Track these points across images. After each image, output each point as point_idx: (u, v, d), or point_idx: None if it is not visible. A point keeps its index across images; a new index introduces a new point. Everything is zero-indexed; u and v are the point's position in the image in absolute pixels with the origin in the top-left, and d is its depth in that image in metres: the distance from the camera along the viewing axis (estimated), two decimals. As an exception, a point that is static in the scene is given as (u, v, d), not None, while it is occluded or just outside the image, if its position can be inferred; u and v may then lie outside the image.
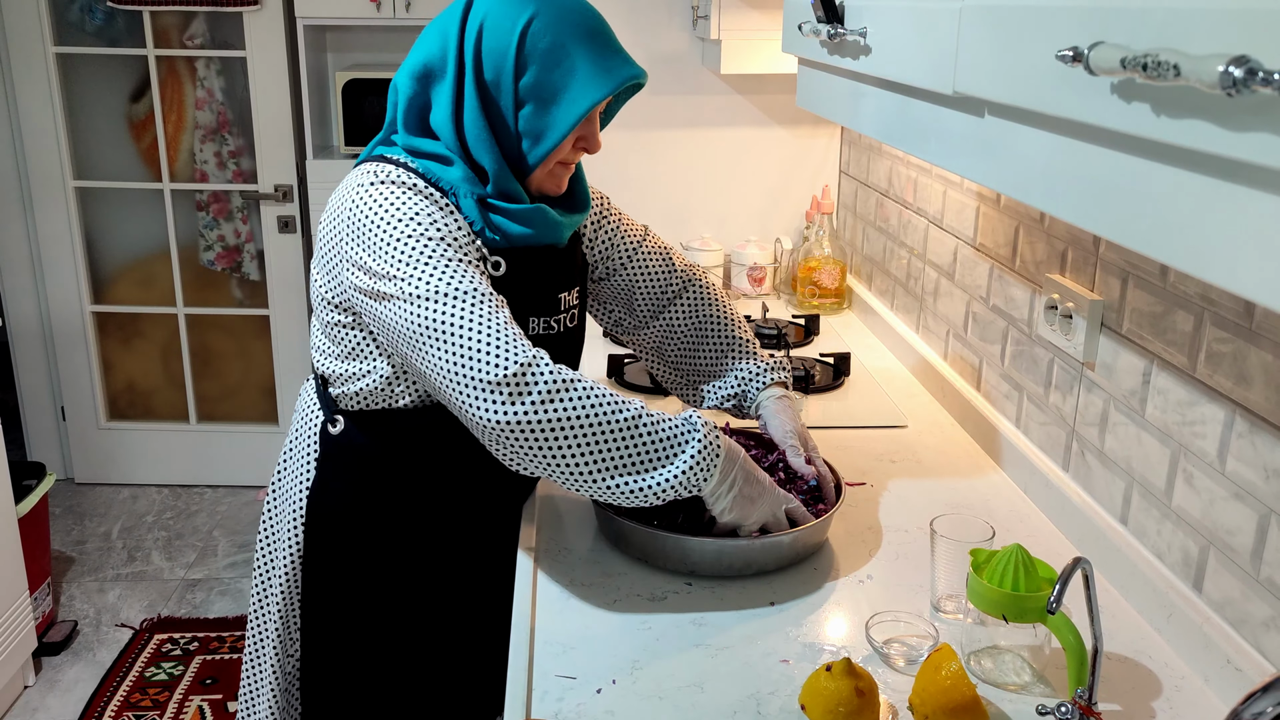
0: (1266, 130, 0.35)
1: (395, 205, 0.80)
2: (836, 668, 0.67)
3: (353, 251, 0.81)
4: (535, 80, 0.81)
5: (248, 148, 2.32)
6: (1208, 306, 0.75)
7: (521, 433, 0.74)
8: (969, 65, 0.60)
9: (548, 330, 0.90)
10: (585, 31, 0.82)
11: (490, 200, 0.84)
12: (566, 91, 0.81)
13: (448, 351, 0.76)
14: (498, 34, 0.81)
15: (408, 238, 0.79)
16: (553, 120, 0.82)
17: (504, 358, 0.74)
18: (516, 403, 0.74)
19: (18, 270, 2.35)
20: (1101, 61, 0.42)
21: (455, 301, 0.77)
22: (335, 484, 0.91)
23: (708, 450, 0.78)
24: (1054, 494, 0.96)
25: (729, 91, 1.70)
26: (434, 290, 0.77)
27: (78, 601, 2.01)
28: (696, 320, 1.03)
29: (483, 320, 0.76)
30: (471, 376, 0.75)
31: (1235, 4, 0.36)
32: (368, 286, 0.80)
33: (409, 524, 0.92)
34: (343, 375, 0.88)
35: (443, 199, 0.82)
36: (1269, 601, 0.68)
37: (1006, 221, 1.10)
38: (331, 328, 0.87)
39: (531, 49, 0.81)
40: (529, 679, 0.72)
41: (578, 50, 0.81)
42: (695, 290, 1.04)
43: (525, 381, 0.74)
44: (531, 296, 0.88)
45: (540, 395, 0.74)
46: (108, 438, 2.47)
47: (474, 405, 0.75)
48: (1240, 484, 0.71)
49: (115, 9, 2.17)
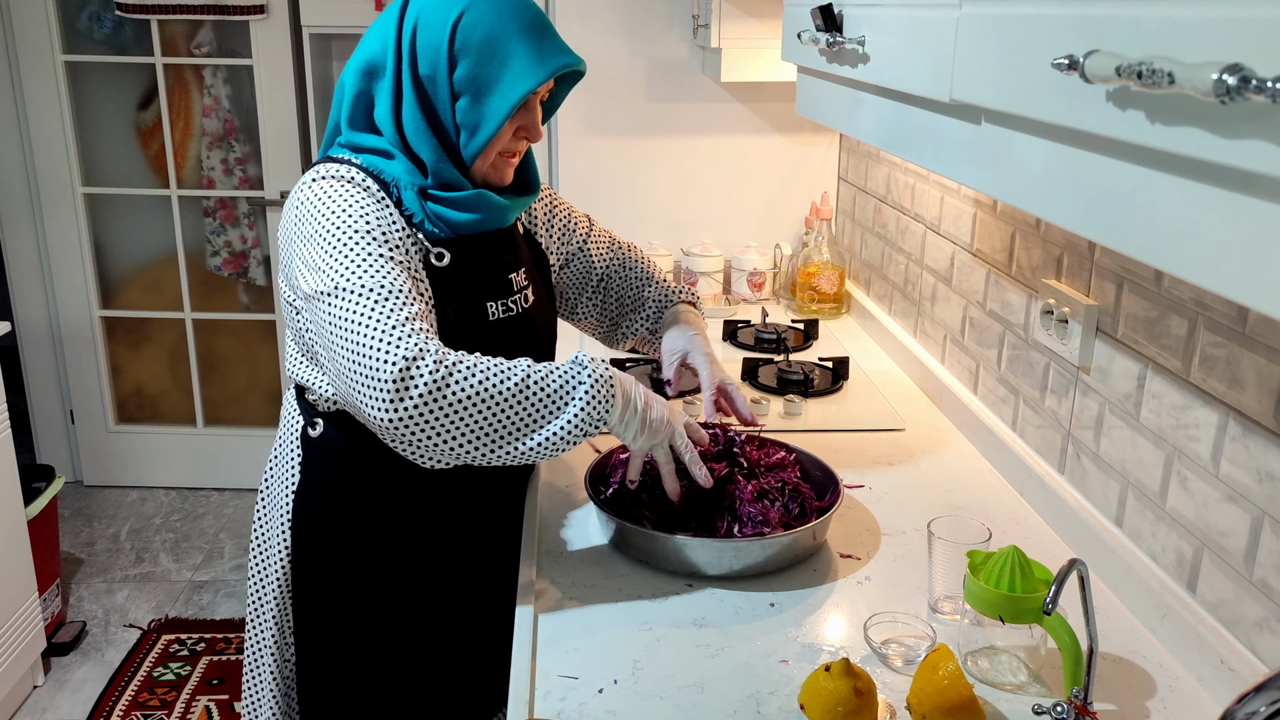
0: (1259, 137, 0.35)
1: (331, 198, 0.82)
2: (835, 668, 0.67)
3: (298, 249, 0.82)
4: (469, 73, 0.82)
5: (254, 154, 2.34)
6: (1201, 311, 0.75)
7: (416, 427, 0.74)
8: (966, 73, 0.61)
9: (507, 313, 0.91)
10: (519, 24, 0.83)
11: (431, 191, 0.84)
12: (500, 82, 0.82)
13: (344, 348, 0.76)
14: (431, 29, 0.82)
15: (339, 230, 0.80)
16: (488, 111, 0.83)
17: (390, 354, 0.74)
18: (404, 398, 0.74)
19: (27, 275, 2.37)
20: (1097, 69, 0.43)
21: (357, 297, 0.77)
22: (319, 486, 0.92)
23: (599, 384, 0.79)
24: (1050, 496, 0.97)
25: (729, 99, 1.71)
26: (344, 285, 0.78)
27: (86, 602, 2.02)
28: (617, 269, 1.09)
29: (377, 317, 0.76)
30: (362, 375, 0.75)
31: (1228, 13, 0.37)
32: (303, 285, 0.81)
33: (394, 521, 0.93)
34: (312, 380, 0.89)
35: (380, 192, 0.84)
36: (1262, 602, 0.68)
37: (1003, 227, 1.11)
38: (298, 333, 0.88)
39: (464, 42, 0.82)
40: (531, 679, 0.73)
41: (510, 41, 0.82)
42: (620, 252, 1.10)
43: (410, 377, 0.74)
44: (482, 283, 0.89)
45: (426, 387, 0.74)
46: (116, 441, 2.49)
47: (367, 404, 0.75)
48: (1233, 486, 0.71)
49: (123, 17, 2.19)
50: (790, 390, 1.29)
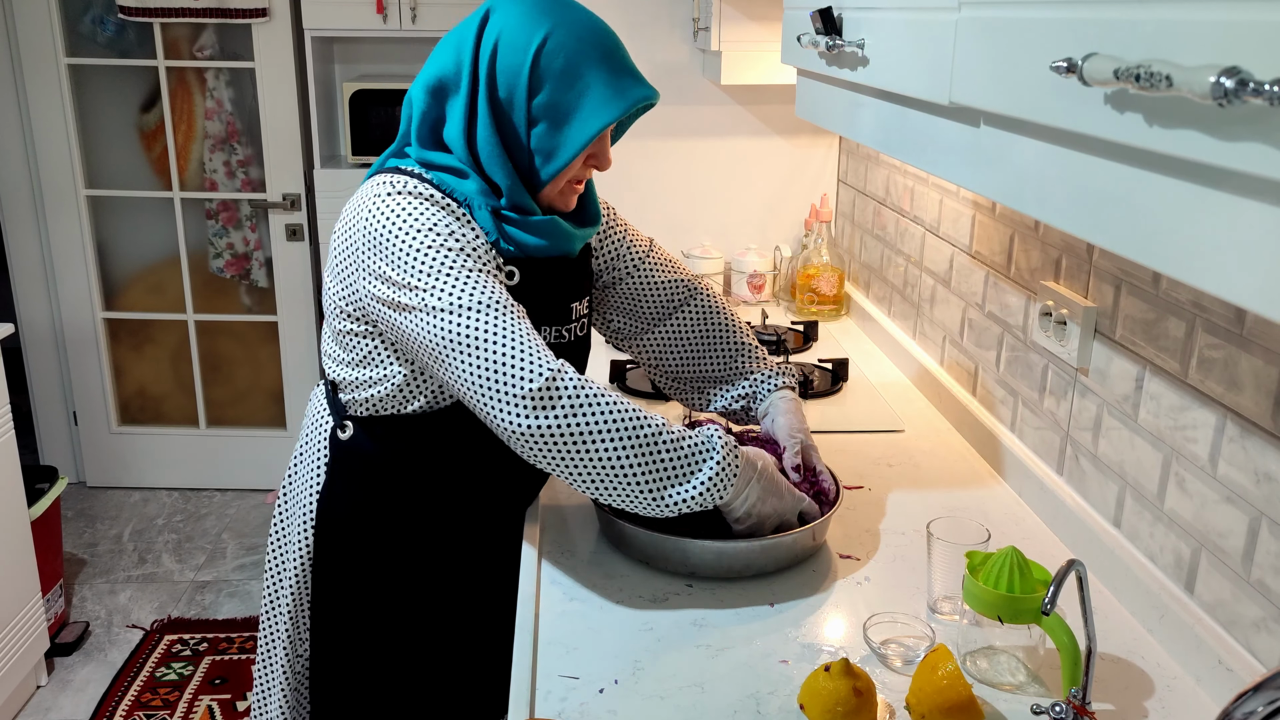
0: (1257, 140, 0.35)
1: (413, 216, 0.81)
2: (835, 668, 0.68)
3: (372, 262, 0.82)
4: (549, 100, 0.82)
5: (256, 157, 2.34)
6: (1199, 313, 0.75)
7: (548, 441, 0.76)
8: (965, 76, 0.61)
9: (559, 339, 0.92)
10: (599, 52, 0.82)
11: (504, 212, 0.85)
12: (579, 111, 0.82)
13: (475, 363, 0.77)
14: (512, 51, 0.82)
15: (428, 249, 0.80)
16: (565, 139, 0.83)
17: (531, 369, 0.76)
18: (544, 414, 0.75)
19: (31, 277, 2.38)
20: (1095, 72, 0.42)
21: (479, 313, 0.78)
22: (344, 488, 0.92)
23: (726, 466, 0.80)
24: (1048, 497, 0.97)
25: (729, 102, 1.71)
26: (458, 302, 0.78)
27: (89, 603, 2.03)
28: (704, 328, 1.04)
29: (508, 331, 0.77)
30: (499, 387, 0.76)
31: (1226, 16, 0.37)
32: (388, 297, 0.81)
33: (416, 528, 0.94)
34: (354, 382, 0.89)
35: (458, 209, 0.84)
36: (1259, 603, 0.69)
37: (1002, 229, 1.11)
38: (344, 335, 0.88)
39: (546, 68, 0.82)
40: (533, 679, 0.73)
41: (591, 71, 0.82)
42: (701, 299, 1.05)
43: (552, 393, 0.76)
44: (544, 306, 0.89)
45: (566, 406, 0.76)
46: (119, 442, 2.50)
47: (502, 414, 0.76)
48: (1231, 487, 0.72)
49: (126, 21, 2.20)
50: (790, 391, 1.29)
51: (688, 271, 1.08)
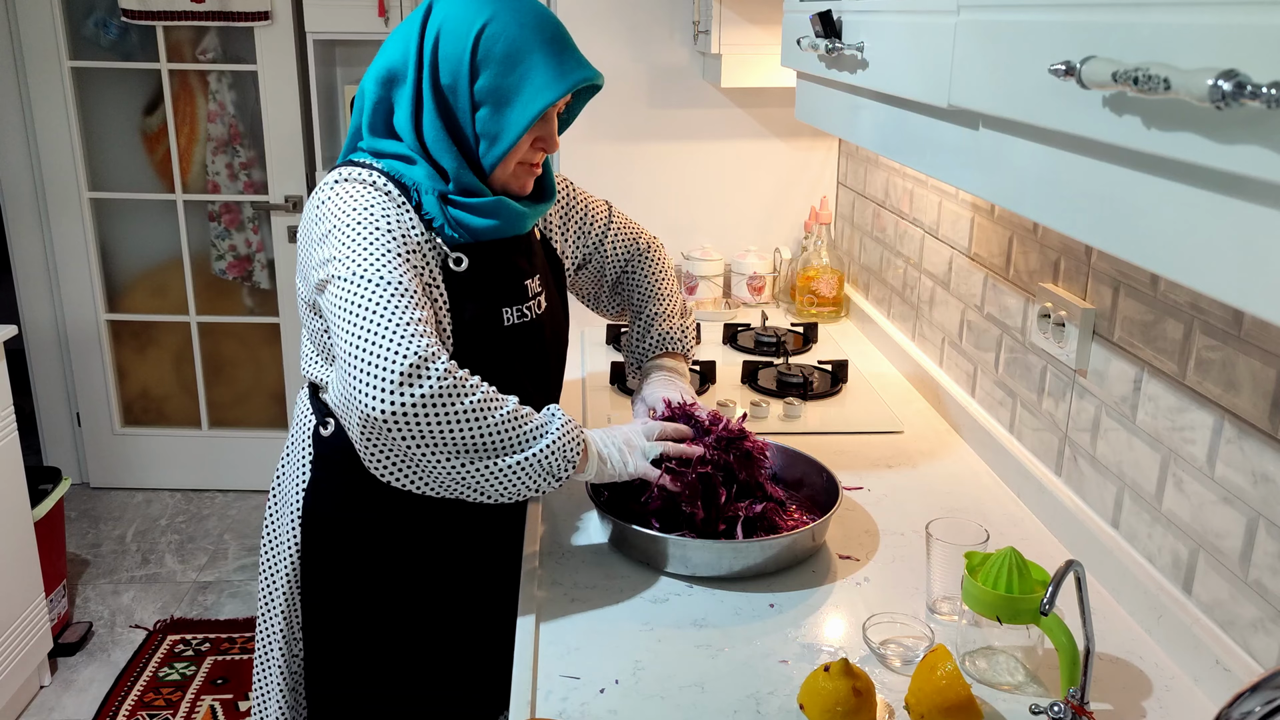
0: (1254, 143, 0.35)
1: (352, 198, 0.83)
2: (834, 668, 0.68)
3: (315, 249, 0.83)
4: (490, 84, 0.83)
5: (258, 159, 2.35)
6: (1197, 315, 0.76)
7: (406, 424, 0.75)
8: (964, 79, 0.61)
9: (522, 319, 0.92)
10: (540, 36, 0.84)
11: (451, 196, 0.86)
12: (520, 94, 0.83)
13: (355, 333, 0.77)
14: (453, 39, 0.83)
15: (357, 224, 0.81)
16: (508, 122, 0.84)
17: (404, 349, 0.76)
18: (405, 394, 0.75)
19: (34, 279, 2.39)
20: (1093, 75, 0.43)
21: (373, 287, 0.78)
22: (329, 485, 0.93)
23: (565, 438, 0.81)
24: (1047, 498, 0.97)
25: (729, 105, 1.72)
26: (359, 272, 0.79)
27: (93, 603, 2.03)
28: (635, 289, 1.09)
29: (393, 311, 0.77)
30: (369, 361, 0.76)
31: (1224, 19, 0.37)
32: (319, 277, 0.82)
33: (401, 521, 0.94)
34: (326, 381, 0.90)
35: (400, 196, 0.85)
36: (1257, 603, 0.69)
37: (1000, 232, 1.11)
38: (313, 334, 0.90)
39: (486, 53, 0.83)
40: (534, 679, 0.74)
41: (532, 54, 0.83)
42: (640, 260, 1.10)
43: (418, 374, 0.75)
44: (499, 288, 0.90)
45: (432, 389, 0.75)
46: (122, 443, 2.50)
47: (365, 389, 0.76)
48: (1229, 488, 0.72)
49: (129, 24, 2.21)
50: (790, 393, 1.29)
51: (646, 235, 1.12)
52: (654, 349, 1.07)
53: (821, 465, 0.97)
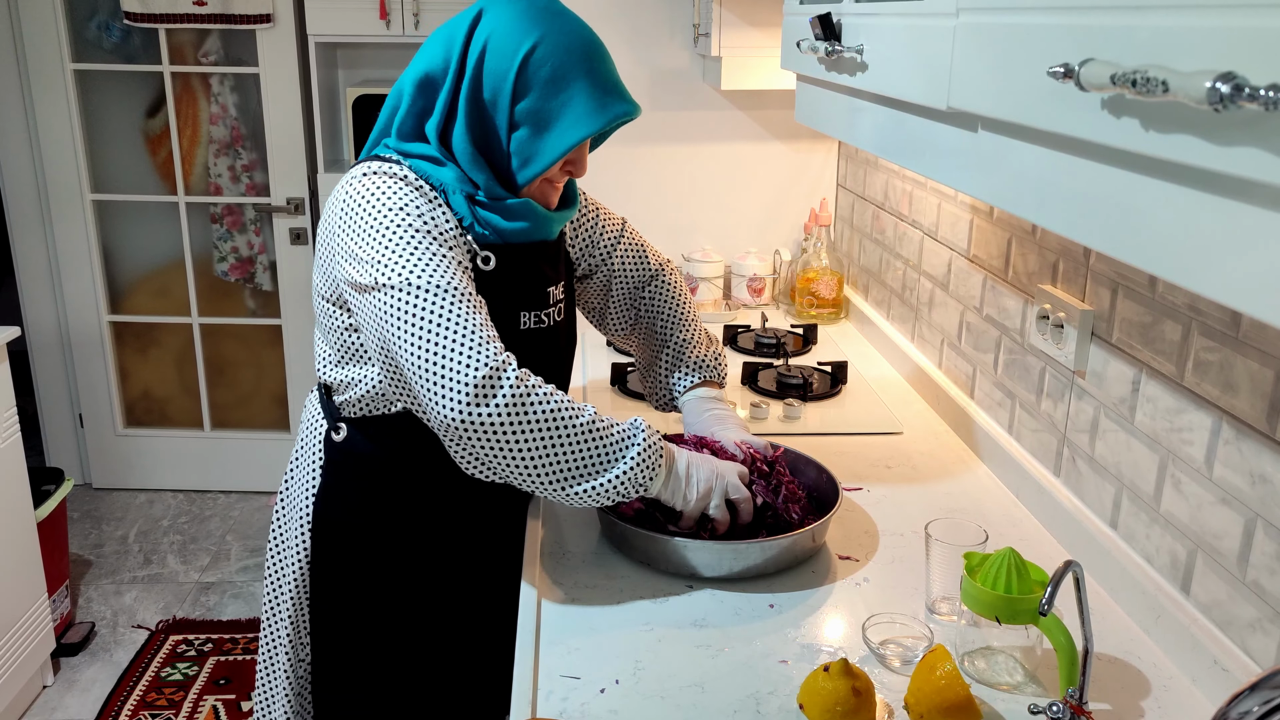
0: (1252, 145, 0.35)
1: (385, 194, 0.82)
2: (834, 668, 0.68)
3: (343, 242, 0.82)
4: (532, 106, 0.83)
5: (260, 162, 2.36)
6: (1195, 316, 0.76)
7: (482, 433, 0.76)
8: (963, 81, 0.61)
9: (538, 324, 0.92)
10: (586, 64, 0.83)
11: (480, 198, 0.85)
12: (560, 121, 0.83)
13: (423, 344, 0.77)
14: (500, 55, 0.83)
15: (396, 226, 0.80)
16: (544, 146, 0.84)
17: (476, 359, 0.76)
18: (482, 404, 0.75)
19: (37, 280, 2.40)
20: (1092, 78, 0.43)
21: (435, 296, 0.78)
22: (340, 490, 0.93)
23: (649, 451, 0.81)
24: (1045, 499, 0.98)
25: (729, 107, 1.72)
26: (412, 281, 0.78)
27: (95, 603, 2.04)
28: (654, 315, 1.07)
29: (460, 319, 0.77)
30: (442, 373, 0.76)
31: (1222, 21, 0.37)
32: (354, 277, 0.81)
33: (413, 528, 0.94)
34: (342, 382, 0.90)
35: (432, 193, 0.84)
36: (1255, 604, 0.69)
37: (999, 233, 1.12)
38: (331, 332, 0.89)
39: (533, 75, 0.82)
40: (534, 679, 0.74)
41: (577, 82, 0.83)
42: (657, 284, 1.08)
43: (493, 385, 0.76)
44: (521, 291, 0.90)
45: (505, 399, 0.76)
46: (124, 444, 2.51)
47: (440, 401, 0.76)
48: (1227, 489, 0.72)
49: (132, 27, 2.22)
50: (789, 394, 1.30)
51: (657, 256, 1.10)
52: (690, 378, 1.04)
53: (821, 466, 0.98)
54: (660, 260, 1.10)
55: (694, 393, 1.04)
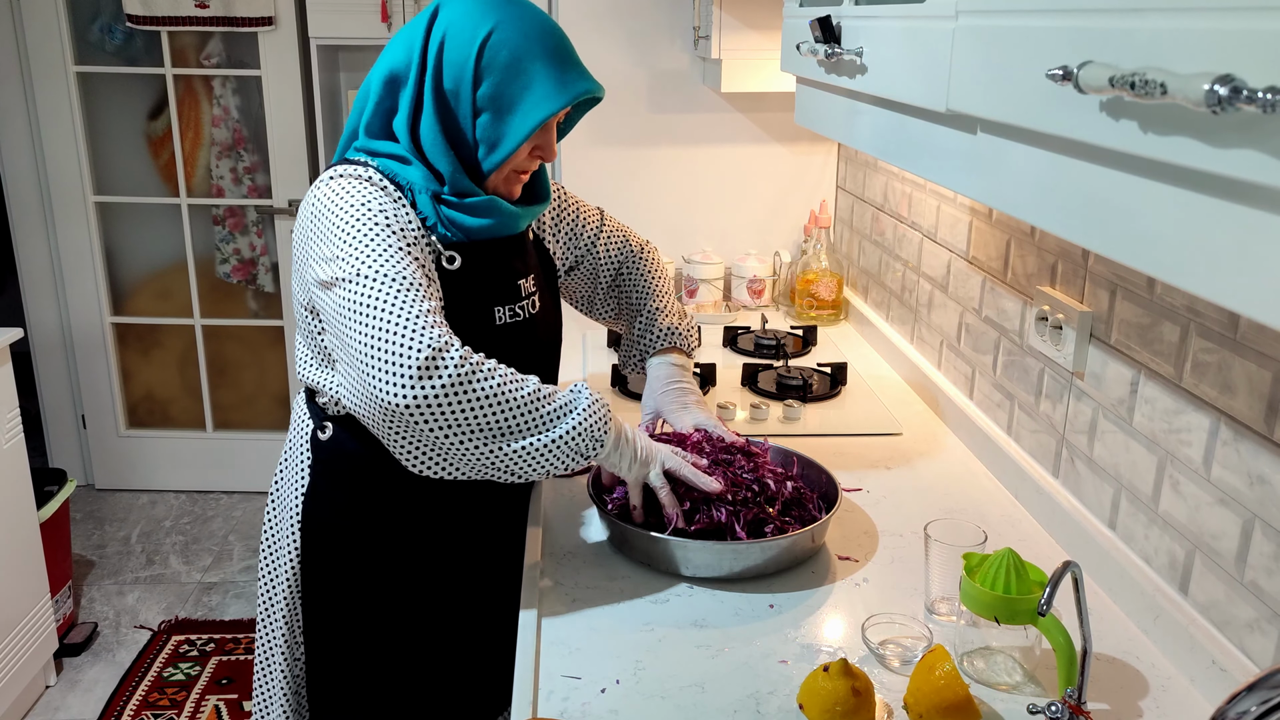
0: (1250, 147, 0.35)
1: (348, 193, 0.83)
2: (833, 668, 0.68)
3: (311, 243, 0.84)
4: (493, 91, 0.84)
5: (262, 164, 2.37)
6: (1193, 318, 0.76)
7: (426, 413, 0.76)
8: (962, 84, 0.62)
9: (514, 318, 0.93)
10: (543, 46, 0.85)
11: (445, 196, 0.86)
12: (522, 103, 0.84)
13: (367, 330, 0.77)
14: (458, 45, 0.84)
15: (357, 222, 0.81)
16: (508, 130, 0.85)
17: (418, 341, 0.76)
18: (426, 383, 0.75)
19: (40, 282, 2.40)
20: (1090, 80, 0.43)
21: (378, 283, 0.78)
22: (329, 489, 0.93)
23: (595, 408, 0.81)
24: (1044, 499, 0.98)
25: (729, 109, 1.73)
26: (364, 272, 0.79)
27: (98, 604, 2.05)
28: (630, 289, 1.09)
29: (401, 305, 0.78)
30: (385, 357, 0.76)
31: (1220, 24, 0.37)
32: (318, 275, 0.82)
33: (401, 524, 0.94)
34: (322, 384, 0.91)
35: (396, 192, 0.85)
36: (1253, 604, 0.69)
37: (998, 235, 1.12)
38: (309, 336, 0.90)
39: (490, 61, 0.84)
40: (535, 679, 0.74)
41: (535, 64, 0.84)
42: (634, 262, 1.10)
43: (436, 365, 0.76)
44: (492, 287, 0.90)
45: (449, 378, 0.76)
46: (127, 445, 2.52)
47: (384, 384, 0.76)
48: (1225, 490, 0.72)
49: (134, 29, 2.22)
50: (789, 395, 1.30)
51: (638, 239, 1.12)
52: (659, 343, 1.06)
53: (821, 467, 0.98)
54: (641, 242, 1.12)
55: (662, 357, 1.05)
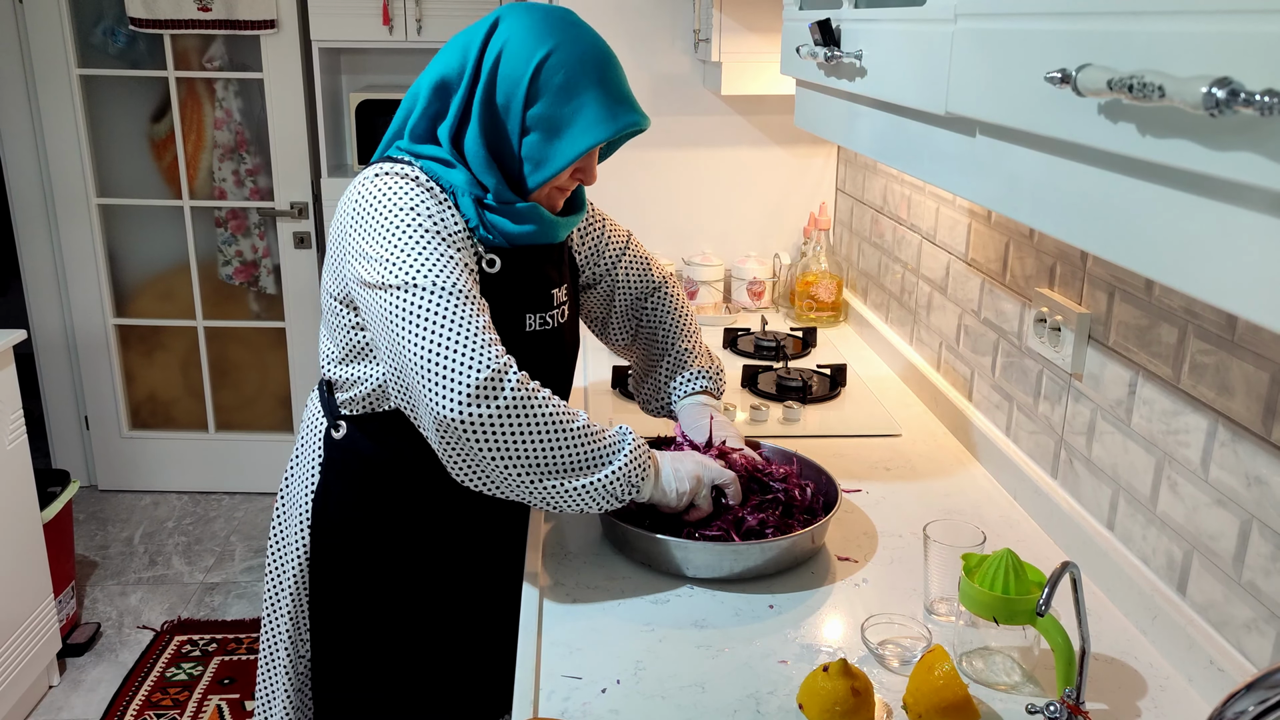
0: (1247, 149, 0.35)
1: (395, 193, 0.83)
2: (833, 668, 0.69)
3: (354, 240, 0.84)
4: (544, 112, 0.85)
5: (265, 166, 2.38)
6: (1191, 319, 0.76)
7: (479, 432, 0.77)
8: (961, 86, 0.62)
9: (543, 326, 0.93)
10: (598, 73, 0.85)
11: (487, 202, 0.87)
12: (571, 127, 0.85)
13: (427, 343, 0.78)
14: (515, 61, 0.84)
15: (406, 226, 0.82)
16: (555, 152, 0.86)
17: (479, 360, 0.77)
18: (483, 404, 0.77)
19: (43, 284, 2.41)
20: (1089, 83, 0.43)
21: (440, 296, 0.79)
22: (339, 488, 0.94)
23: (638, 454, 0.82)
24: (1043, 500, 0.98)
25: (729, 112, 1.73)
26: (421, 282, 0.80)
27: (101, 604, 2.05)
28: (654, 326, 1.08)
29: (464, 320, 0.79)
30: (445, 372, 0.77)
31: (1217, 27, 0.37)
32: (363, 275, 0.83)
33: (411, 526, 0.95)
34: (345, 380, 0.91)
35: (441, 194, 0.86)
36: (1250, 604, 0.69)
37: (997, 237, 1.12)
38: (338, 330, 0.90)
39: (545, 82, 0.84)
40: (536, 679, 0.74)
41: (588, 90, 0.85)
42: (658, 297, 1.09)
43: (496, 387, 0.77)
44: (526, 293, 0.91)
45: (507, 401, 0.77)
46: (130, 446, 2.52)
47: (441, 399, 0.77)
48: (1223, 491, 0.73)
49: (137, 32, 2.23)
50: (789, 397, 1.30)
51: (661, 270, 1.11)
52: (693, 384, 1.05)
53: (820, 468, 0.98)
54: (664, 274, 1.11)
55: (693, 399, 1.05)
